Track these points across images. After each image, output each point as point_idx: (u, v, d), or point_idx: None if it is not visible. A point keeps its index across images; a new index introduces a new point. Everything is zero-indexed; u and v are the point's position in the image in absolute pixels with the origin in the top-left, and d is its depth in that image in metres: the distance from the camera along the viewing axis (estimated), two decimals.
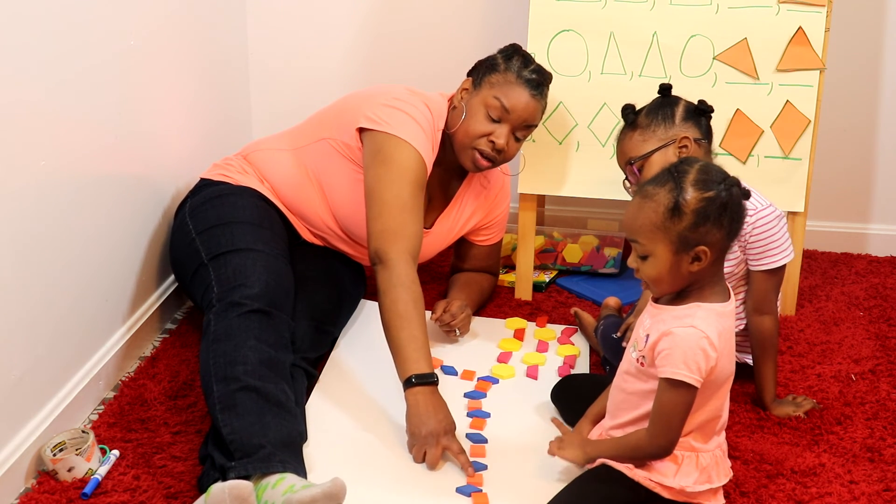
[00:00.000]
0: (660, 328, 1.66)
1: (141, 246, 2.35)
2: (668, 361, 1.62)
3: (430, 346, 2.01)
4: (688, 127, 2.07)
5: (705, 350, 1.61)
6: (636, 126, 2.10)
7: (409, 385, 1.94)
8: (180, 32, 2.52)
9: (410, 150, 2.17)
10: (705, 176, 1.62)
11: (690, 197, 1.60)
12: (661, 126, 2.07)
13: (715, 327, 1.63)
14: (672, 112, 2.08)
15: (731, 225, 1.63)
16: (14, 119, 1.75)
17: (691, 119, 2.08)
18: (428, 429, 1.89)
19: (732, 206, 1.62)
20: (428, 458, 1.88)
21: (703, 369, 1.62)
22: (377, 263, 2.09)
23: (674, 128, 2.07)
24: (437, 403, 1.93)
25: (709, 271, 1.65)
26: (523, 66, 2.23)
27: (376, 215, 2.12)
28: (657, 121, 2.08)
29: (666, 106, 2.10)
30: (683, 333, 1.62)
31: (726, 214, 1.61)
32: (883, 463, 1.93)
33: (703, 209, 1.60)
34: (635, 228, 1.65)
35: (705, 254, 1.61)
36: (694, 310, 1.65)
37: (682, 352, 1.61)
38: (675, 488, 1.69)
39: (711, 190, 1.61)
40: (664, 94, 2.14)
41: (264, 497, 1.67)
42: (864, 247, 3.03)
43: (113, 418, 2.04)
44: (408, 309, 2.01)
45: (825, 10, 2.36)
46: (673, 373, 1.62)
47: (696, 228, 1.60)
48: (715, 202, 1.60)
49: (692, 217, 1.60)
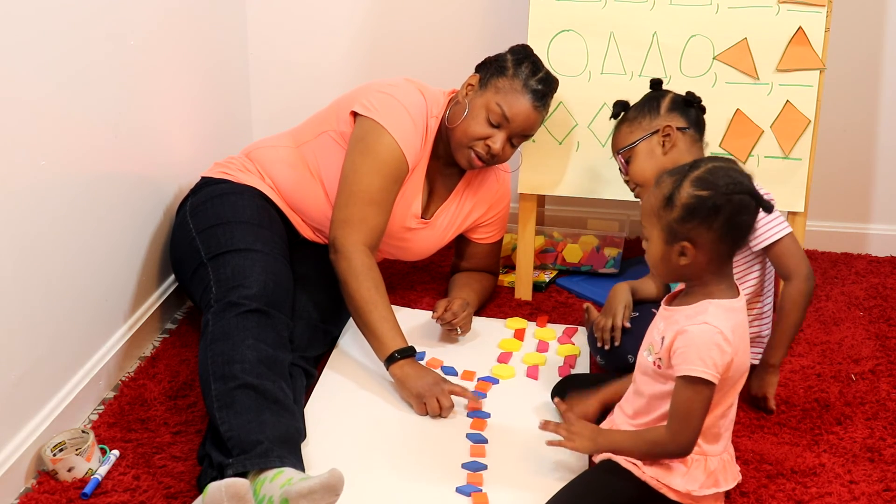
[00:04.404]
0: (674, 328, 1.66)
1: (141, 246, 2.35)
2: (684, 359, 1.63)
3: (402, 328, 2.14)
4: (672, 117, 2.14)
5: (720, 345, 1.62)
6: (625, 119, 2.19)
7: (392, 361, 2.08)
8: (180, 32, 2.52)
9: (391, 144, 2.22)
10: (709, 176, 1.63)
11: (684, 191, 1.63)
12: (646, 117, 2.15)
13: (728, 322, 1.63)
14: (658, 104, 2.16)
15: (728, 230, 1.62)
16: (14, 119, 1.75)
17: (677, 110, 2.15)
18: (421, 385, 2.04)
19: (729, 213, 1.61)
20: (430, 408, 2.02)
21: (720, 365, 1.62)
22: (334, 252, 2.19)
23: (658, 118, 2.14)
24: (422, 367, 2.10)
25: (707, 269, 1.66)
26: (532, 74, 2.25)
27: (342, 204, 2.22)
28: (643, 112, 2.16)
29: (653, 99, 2.18)
30: (697, 330, 1.63)
31: (718, 218, 1.61)
32: (883, 463, 1.93)
33: (691, 205, 1.62)
34: (643, 210, 1.71)
35: (689, 250, 1.63)
36: (705, 306, 1.65)
37: (697, 348, 1.62)
38: (681, 491, 1.69)
39: (706, 190, 1.61)
40: (655, 88, 2.22)
41: (262, 491, 1.67)
42: (864, 247, 3.03)
43: (113, 418, 2.04)
44: (371, 294, 2.13)
45: (825, 10, 2.36)
46: (689, 370, 1.62)
47: (683, 223, 1.63)
48: (705, 202, 1.61)
49: (681, 211, 1.63)
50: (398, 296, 2.59)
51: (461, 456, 1.92)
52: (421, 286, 2.70)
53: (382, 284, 2.17)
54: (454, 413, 2.04)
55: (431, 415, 2.03)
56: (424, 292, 2.66)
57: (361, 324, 2.15)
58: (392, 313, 2.15)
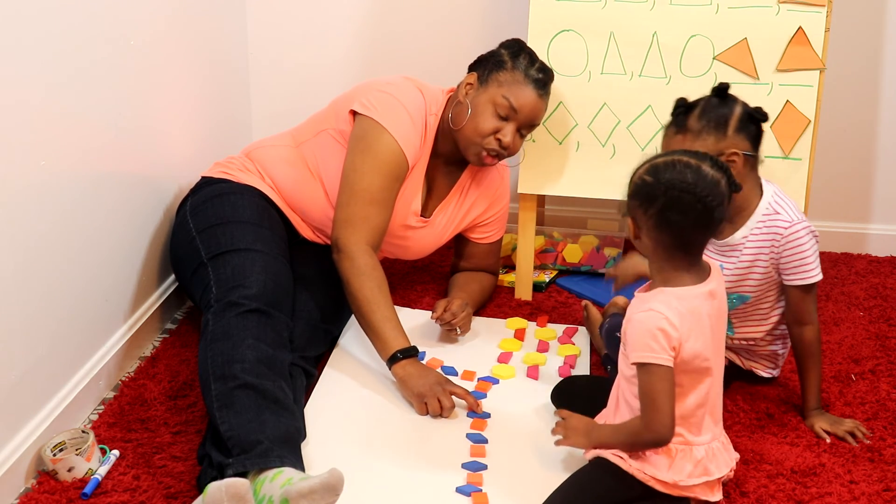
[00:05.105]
0: (628, 316, 1.70)
1: (141, 246, 2.35)
2: (633, 346, 1.67)
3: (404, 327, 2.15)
4: (739, 139, 1.94)
5: (664, 329, 1.64)
6: (686, 130, 1.96)
7: (394, 361, 2.09)
8: (180, 32, 2.52)
9: (391, 143, 2.22)
10: (662, 166, 1.67)
11: (638, 172, 1.70)
12: (711, 135, 1.94)
13: (675, 308, 1.65)
14: (726, 120, 1.94)
15: (660, 222, 1.65)
16: (14, 119, 1.75)
17: (744, 130, 1.95)
18: (423, 384, 2.04)
19: (661, 205, 1.64)
20: (431, 408, 2.02)
21: (667, 347, 1.63)
22: (337, 252, 2.19)
23: (725, 140, 1.93)
24: (424, 367, 2.10)
25: (655, 254, 1.70)
26: (530, 63, 2.28)
27: (343, 203, 2.22)
28: (709, 128, 1.94)
29: (721, 114, 1.95)
30: (642, 317, 1.66)
31: (652, 206, 1.65)
32: (883, 463, 1.93)
33: (636, 186, 1.69)
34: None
35: (631, 228, 1.69)
36: (655, 295, 1.69)
37: (641, 334, 1.65)
38: (668, 482, 1.69)
39: (650, 176, 1.66)
40: (720, 95, 1.98)
41: (262, 491, 1.67)
42: (864, 247, 3.03)
43: (113, 418, 2.04)
44: (374, 293, 2.14)
45: (825, 10, 2.36)
46: (640, 356, 1.65)
47: (630, 199, 1.70)
48: (642, 188, 1.67)
49: (629, 188, 1.71)
50: (398, 296, 2.59)
51: (461, 456, 1.92)
52: (421, 286, 2.70)
53: (385, 284, 2.17)
54: (454, 413, 2.04)
55: (432, 414, 2.03)
56: (424, 292, 2.66)
57: (364, 323, 2.15)
58: (394, 313, 2.15)
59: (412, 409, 2.06)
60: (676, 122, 1.98)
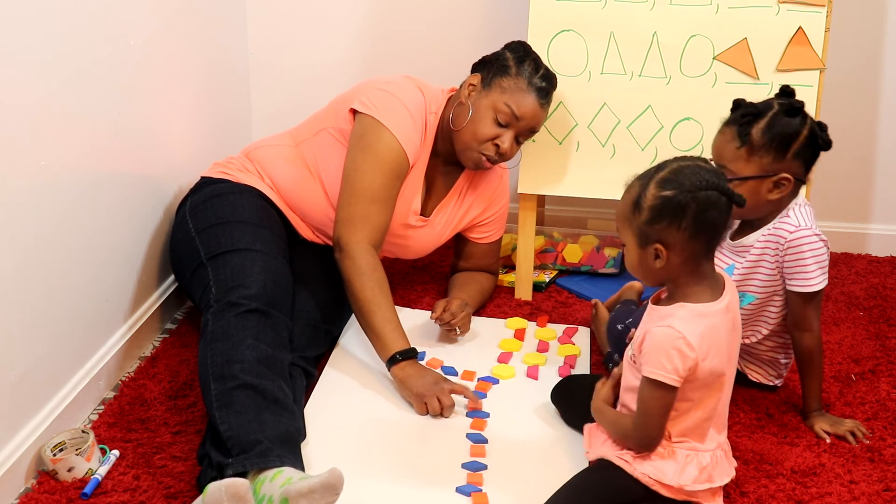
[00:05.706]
0: (646, 327, 1.69)
1: (141, 246, 2.35)
2: (647, 360, 1.66)
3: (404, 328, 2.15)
4: (796, 165, 1.92)
5: (681, 350, 1.63)
6: (748, 139, 1.90)
7: (394, 362, 2.09)
8: (180, 32, 2.52)
9: (392, 141, 2.22)
10: (673, 176, 1.63)
11: (650, 193, 1.63)
12: (770, 154, 1.90)
13: (695, 327, 1.64)
14: (790, 142, 1.90)
15: (698, 228, 1.62)
16: (14, 119, 1.75)
17: (803, 155, 1.92)
18: (422, 384, 2.04)
19: (696, 210, 1.61)
20: (431, 408, 2.02)
21: (681, 369, 1.63)
22: (339, 251, 2.19)
23: (782, 162, 1.91)
24: (422, 368, 2.11)
25: (683, 269, 1.67)
26: (534, 71, 2.27)
27: (345, 202, 2.22)
28: (769, 147, 1.90)
29: (787, 131, 1.91)
30: (660, 333, 1.64)
31: (685, 216, 1.61)
32: (883, 463, 1.93)
33: (657, 206, 1.62)
34: (616, 216, 1.71)
35: (661, 252, 1.64)
36: (676, 310, 1.67)
37: (658, 351, 1.64)
38: (674, 486, 1.69)
39: (670, 190, 1.62)
40: (792, 114, 1.92)
41: (262, 491, 1.67)
42: (864, 247, 3.03)
43: (113, 418, 2.04)
44: (374, 294, 2.14)
45: (825, 10, 2.36)
46: (651, 372, 1.65)
47: (651, 224, 1.63)
48: (671, 202, 1.61)
49: (648, 213, 1.63)
50: (398, 296, 2.59)
51: (461, 456, 1.92)
52: (421, 286, 2.70)
53: (387, 284, 2.17)
54: (454, 413, 2.04)
55: (432, 414, 2.03)
56: (424, 292, 2.66)
57: (364, 324, 2.15)
58: (395, 314, 2.15)
59: (412, 409, 2.06)
60: (741, 133, 1.91)
